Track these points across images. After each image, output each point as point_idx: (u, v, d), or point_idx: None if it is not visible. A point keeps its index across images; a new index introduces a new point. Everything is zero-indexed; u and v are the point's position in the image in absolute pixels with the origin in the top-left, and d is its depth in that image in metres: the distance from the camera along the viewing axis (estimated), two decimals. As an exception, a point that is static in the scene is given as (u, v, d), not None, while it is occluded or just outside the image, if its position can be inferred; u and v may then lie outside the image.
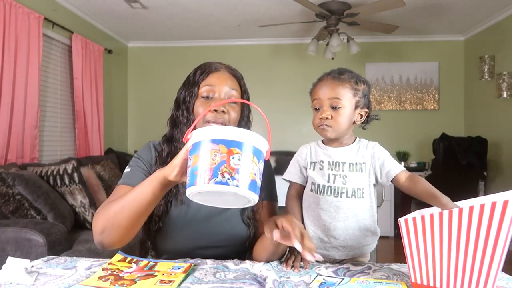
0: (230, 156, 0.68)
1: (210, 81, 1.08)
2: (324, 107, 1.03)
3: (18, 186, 2.34)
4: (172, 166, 0.83)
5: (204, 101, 1.07)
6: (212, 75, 1.08)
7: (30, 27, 3.03)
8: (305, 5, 3.28)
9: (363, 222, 1.03)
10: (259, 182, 0.72)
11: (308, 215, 1.06)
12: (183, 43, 5.03)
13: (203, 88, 1.07)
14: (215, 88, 1.07)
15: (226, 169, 0.67)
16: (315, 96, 1.05)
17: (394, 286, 0.78)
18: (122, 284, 0.79)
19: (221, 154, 0.68)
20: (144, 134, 5.04)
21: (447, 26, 4.44)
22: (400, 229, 0.78)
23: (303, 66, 4.88)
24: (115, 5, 3.76)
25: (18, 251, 2.01)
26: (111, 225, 0.90)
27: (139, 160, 1.11)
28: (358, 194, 1.02)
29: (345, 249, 1.03)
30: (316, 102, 1.05)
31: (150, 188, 0.86)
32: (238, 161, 0.68)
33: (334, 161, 1.05)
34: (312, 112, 1.08)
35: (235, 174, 0.67)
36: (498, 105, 4.05)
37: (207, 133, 0.71)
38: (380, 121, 1.14)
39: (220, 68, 1.11)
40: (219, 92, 1.07)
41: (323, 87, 1.04)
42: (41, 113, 3.28)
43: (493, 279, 0.70)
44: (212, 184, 0.66)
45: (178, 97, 1.13)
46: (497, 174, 4.09)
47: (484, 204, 0.69)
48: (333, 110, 1.03)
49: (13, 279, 0.79)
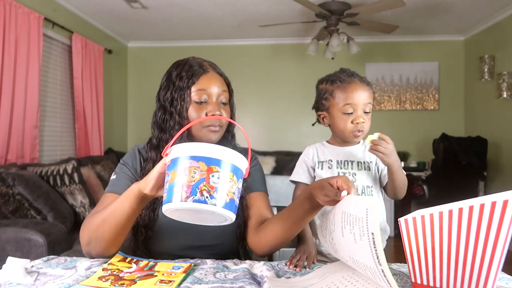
0: (210, 174, 0.66)
1: (201, 85, 1.05)
2: (359, 112, 1.03)
3: (18, 186, 2.34)
4: (147, 180, 0.82)
5: (198, 106, 1.05)
6: (202, 78, 1.06)
7: (30, 27, 3.03)
8: (305, 5, 3.28)
9: None
10: (237, 201, 0.71)
11: (318, 215, 1.06)
12: (183, 43, 5.03)
13: (194, 93, 1.04)
14: (207, 91, 1.05)
15: (205, 187, 0.66)
16: (349, 101, 1.03)
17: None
18: (122, 284, 0.79)
19: (200, 171, 0.67)
20: (144, 134, 4.97)
21: (447, 26, 4.44)
22: (400, 229, 0.78)
23: (303, 66, 4.88)
24: (115, 5, 3.76)
25: (18, 251, 2.01)
26: (95, 238, 0.92)
27: (124, 166, 1.10)
28: (368, 192, 1.04)
29: None
30: (348, 106, 1.03)
31: (127, 202, 0.87)
32: (217, 180, 0.67)
33: (342, 160, 1.06)
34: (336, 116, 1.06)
35: (214, 192, 0.66)
36: (498, 105, 4.05)
37: (187, 149, 0.69)
38: (380, 121, 1.15)
39: (208, 69, 1.08)
40: (211, 96, 1.05)
41: (356, 91, 1.03)
42: (41, 113, 3.29)
43: (493, 279, 0.70)
44: (190, 202, 0.65)
45: (162, 99, 1.09)
46: (497, 174, 4.09)
47: (484, 204, 0.69)
48: (365, 115, 1.04)
49: (13, 279, 0.79)
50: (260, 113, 4.97)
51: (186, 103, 1.05)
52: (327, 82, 1.09)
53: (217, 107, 1.05)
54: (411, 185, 4.19)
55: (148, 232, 1.07)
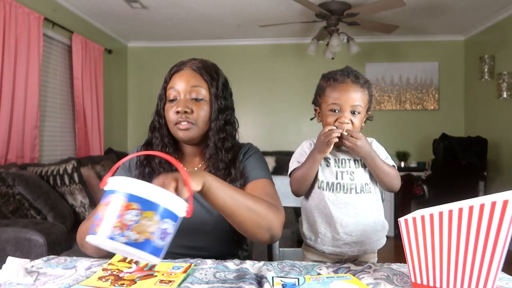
0: (126, 211, 0.65)
1: (172, 83, 1.08)
2: (345, 113, 1.03)
3: (18, 186, 2.34)
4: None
5: (170, 104, 1.08)
6: (175, 77, 1.08)
7: (30, 27, 3.03)
8: (305, 5, 3.28)
9: (373, 217, 1.05)
10: (161, 243, 0.67)
11: (319, 213, 1.07)
12: (183, 43, 5.03)
13: (168, 91, 1.09)
14: (177, 89, 1.07)
15: (119, 224, 0.64)
16: (335, 100, 1.04)
17: (344, 279, 0.81)
18: (122, 284, 0.79)
19: (120, 207, 0.65)
20: (144, 134, 4.97)
21: (447, 26, 4.44)
22: (400, 229, 0.78)
23: (303, 66, 4.88)
24: (115, 5, 3.76)
25: (18, 251, 2.01)
26: (85, 243, 0.96)
27: (121, 170, 1.15)
28: (366, 189, 1.05)
29: (357, 245, 1.05)
30: (335, 105, 1.04)
31: None
32: (134, 217, 0.64)
33: (339, 158, 1.07)
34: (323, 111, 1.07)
35: (125, 230, 0.64)
36: (498, 105, 4.05)
37: (116, 183, 0.68)
38: (380, 121, 1.15)
39: (183, 67, 1.09)
40: (182, 93, 1.06)
41: (345, 92, 1.03)
42: (41, 113, 3.29)
43: (493, 279, 0.70)
44: (103, 237, 0.64)
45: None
46: (497, 174, 4.09)
47: (484, 204, 0.69)
48: (352, 115, 1.04)
49: (13, 279, 0.79)
50: (260, 113, 4.97)
51: (163, 102, 1.10)
52: (324, 79, 1.09)
53: (182, 104, 1.05)
54: (411, 185, 4.19)
55: None
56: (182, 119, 1.05)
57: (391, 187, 1.05)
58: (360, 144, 0.99)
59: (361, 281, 0.83)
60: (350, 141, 1.00)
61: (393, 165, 1.06)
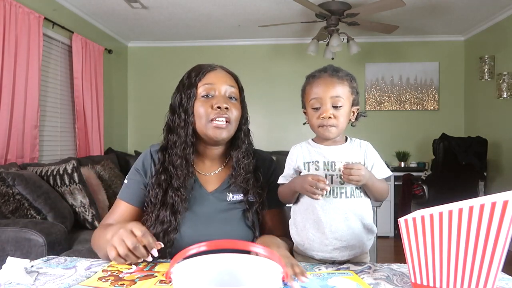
0: None
1: (208, 80, 1.08)
2: (326, 106, 1.00)
3: (18, 186, 2.34)
4: (126, 227, 0.88)
5: (204, 100, 1.06)
6: (210, 74, 1.09)
7: (30, 27, 3.03)
8: (305, 5, 3.28)
9: (363, 221, 1.01)
10: None
11: (307, 218, 1.02)
12: (183, 43, 5.03)
13: (201, 88, 1.07)
14: (214, 86, 1.07)
15: None
16: (314, 95, 1.02)
17: (345, 275, 0.83)
18: (122, 284, 0.79)
19: None
20: (144, 134, 5.04)
21: (447, 26, 4.44)
22: (400, 229, 0.78)
23: (303, 66, 4.87)
24: (115, 5, 3.76)
25: (18, 251, 2.01)
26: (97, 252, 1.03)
27: (136, 172, 1.12)
28: (356, 193, 1.00)
29: (346, 250, 1.00)
30: (315, 101, 1.01)
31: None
32: None
33: (329, 161, 1.02)
34: (308, 112, 1.05)
35: None
36: (498, 105, 4.05)
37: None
38: (380, 121, 1.14)
39: (216, 67, 1.11)
40: (219, 90, 1.07)
41: (322, 85, 1.01)
42: (41, 113, 3.28)
43: (493, 279, 0.70)
44: None
45: (173, 102, 1.11)
46: (497, 174, 4.10)
47: (484, 204, 0.69)
48: (335, 109, 1.00)
49: (13, 279, 0.79)
50: (260, 113, 4.97)
51: (192, 99, 1.06)
52: (306, 80, 1.08)
53: (223, 100, 1.05)
54: (411, 185, 4.19)
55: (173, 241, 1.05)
56: (221, 114, 1.04)
57: (381, 200, 1.05)
58: (364, 172, 0.95)
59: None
60: (355, 174, 0.93)
61: (388, 176, 1.04)
